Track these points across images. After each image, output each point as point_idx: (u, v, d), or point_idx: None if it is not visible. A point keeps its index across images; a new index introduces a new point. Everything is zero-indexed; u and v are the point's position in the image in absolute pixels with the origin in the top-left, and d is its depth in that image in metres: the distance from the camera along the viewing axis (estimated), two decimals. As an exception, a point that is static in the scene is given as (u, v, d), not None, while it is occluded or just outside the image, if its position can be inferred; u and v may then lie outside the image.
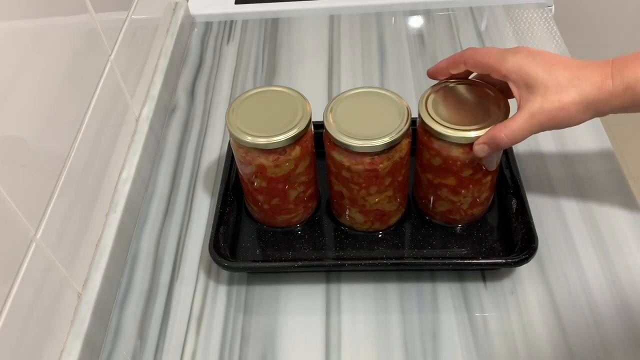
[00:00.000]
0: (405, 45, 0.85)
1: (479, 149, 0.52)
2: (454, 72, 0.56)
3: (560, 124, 0.50)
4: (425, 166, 0.58)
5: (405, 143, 0.55)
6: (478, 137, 0.52)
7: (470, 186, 0.57)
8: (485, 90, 0.56)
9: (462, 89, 0.57)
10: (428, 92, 0.56)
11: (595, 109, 0.49)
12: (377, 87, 0.58)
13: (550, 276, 0.57)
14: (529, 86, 0.50)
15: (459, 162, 0.54)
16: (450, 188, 0.57)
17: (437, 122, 0.53)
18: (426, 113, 0.54)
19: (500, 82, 0.54)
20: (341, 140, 0.53)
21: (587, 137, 0.70)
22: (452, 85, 0.57)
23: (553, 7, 0.90)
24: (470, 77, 0.58)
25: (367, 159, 0.53)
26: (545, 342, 0.53)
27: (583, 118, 0.50)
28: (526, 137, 0.51)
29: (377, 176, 0.55)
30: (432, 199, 0.60)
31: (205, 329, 0.57)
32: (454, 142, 0.53)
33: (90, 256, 0.58)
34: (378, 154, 0.53)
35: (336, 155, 0.55)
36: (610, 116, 0.52)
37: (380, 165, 0.54)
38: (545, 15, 0.88)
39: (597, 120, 0.71)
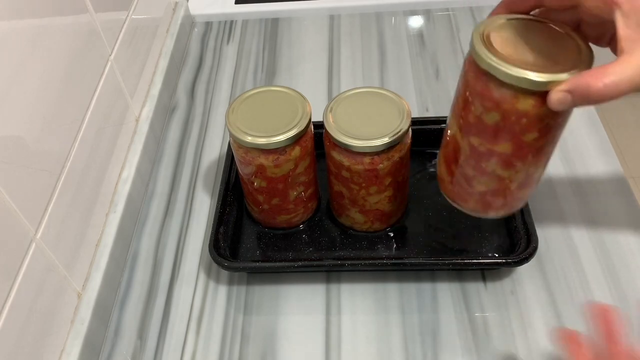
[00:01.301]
0: (405, 45, 0.85)
1: (559, 99, 0.39)
2: None
3: None
4: (471, 126, 0.44)
5: (405, 143, 0.55)
6: (557, 83, 0.38)
7: (529, 156, 0.44)
8: (559, 30, 0.43)
9: (528, 25, 0.43)
10: (483, 26, 0.43)
11: None
12: (377, 87, 0.58)
13: (550, 276, 0.57)
14: None
15: (524, 120, 0.41)
16: (502, 158, 0.44)
17: (503, 60, 0.39)
18: (485, 49, 0.40)
19: (575, 22, 0.43)
20: (341, 140, 0.53)
21: (587, 137, 0.70)
22: (514, 20, 0.44)
23: (553, 7, 0.89)
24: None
25: (367, 159, 0.53)
26: (545, 342, 0.53)
27: None
28: (629, 93, 0.38)
29: (377, 176, 0.55)
30: (470, 174, 0.47)
31: (205, 329, 0.57)
32: (524, 89, 0.39)
33: (90, 256, 0.58)
34: (378, 154, 0.53)
35: (336, 155, 0.55)
36: (610, 116, 0.52)
37: (380, 165, 0.54)
38: (545, 15, 0.88)
39: (597, 120, 0.71)
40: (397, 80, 0.80)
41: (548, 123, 0.41)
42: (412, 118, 0.54)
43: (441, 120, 0.68)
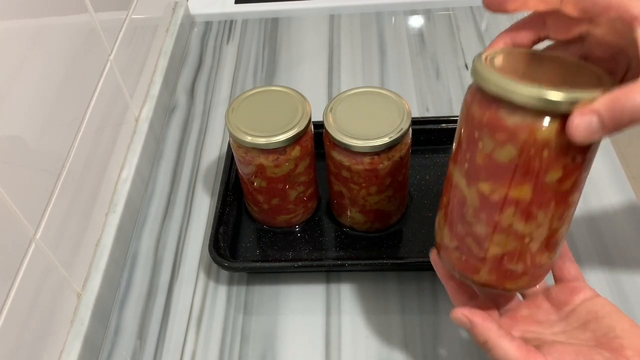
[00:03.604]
0: (405, 45, 0.85)
1: (584, 125, 0.31)
2: (532, 4, 0.37)
3: None
4: (479, 170, 0.36)
5: (405, 143, 0.54)
6: (585, 103, 0.31)
7: (552, 204, 0.36)
8: (569, 59, 0.38)
9: (535, 55, 0.38)
10: (484, 55, 0.36)
11: None
12: (377, 87, 0.58)
13: (550, 276, 0.57)
14: None
15: (545, 153, 0.33)
16: (520, 207, 0.36)
17: (515, 81, 0.32)
18: (492, 71, 0.34)
19: (582, 57, 0.38)
20: (341, 140, 0.53)
21: (587, 137, 0.69)
22: (518, 51, 0.39)
23: (553, 6, 0.89)
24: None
25: (367, 159, 0.53)
26: (546, 342, 0.53)
27: None
28: None
29: (377, 176, 0.55)
30: (481, 234, 0.38)
31: (205, 329, 0.57)
32: (545, 112, 0.32)
33: (90, 256, 0.58)
34: (378, 153, 0.53)
35: (336, 155, 0.55)
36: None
37: (380, 165, 0.54)
38: (546, 15, 0.88)
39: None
40: (397, 80, 0.80)
41: (574, 157, 0.34)
42: (412, 118, 0.54)
43: (441, 120, 0.68)
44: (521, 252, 0.38)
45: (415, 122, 0.56)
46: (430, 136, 0.67)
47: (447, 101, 0.76)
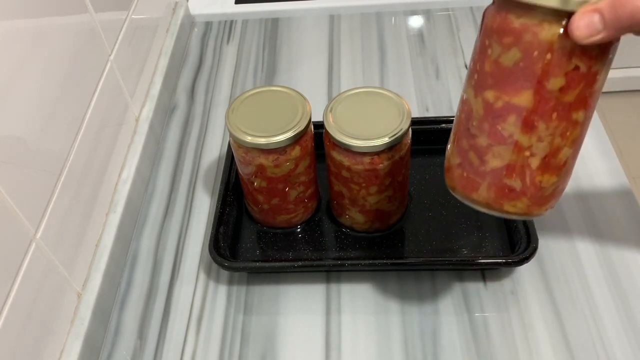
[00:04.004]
0: (405, 45, 0.85)
1: (585, 23, 0.32)
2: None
3: None
4: (487, 77, 0.37)
5: (405, 143, 0.55)
6: (590, 3, 0.32)
7: (554, 115, 0.36)
8: None
9: None
10: None
11: None
12: (377, 87, 0.58)
13: (550, 276, 0.57)
14: None
15: (548, 55, 0.34)
16: (521, 115, 0.36)
17: None
18: None
19: None
20: (341, 140, 0.53)
21: (587, 137, 0.69)
22: None
23: (553, 7, 0.89)
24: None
25: (367, 159, 0.53)
26: (546, 342, 0.53)
27: None
28: None
29: (377, 176, 0.55)
30: (483, 144, 0.38)
31: (205, 329, 0.57)
32: (550, 12, 0.33)
33: (90, 256, 0.58)
34: (378, 153, 0.53)
35: (336, 155, 0.55)
36: (610, 116, 0.51)
37: (380, 165, 0.54)
38: (545, 15, 0.88)
39: (597, 119, 0.71)
40: (397, 80, 0.80)
41: (578, 66, 0.34)
42: (412, 118, 0.54)
43: (441, 120, 0.68)
44: (521, 167, 0.38)
45: (415, 122, 0.56)
46: (430, 136, 0.67)
47: (447, 101, 0.76)
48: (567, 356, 0.52)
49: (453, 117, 0.68)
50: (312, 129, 0.58)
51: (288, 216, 0.62)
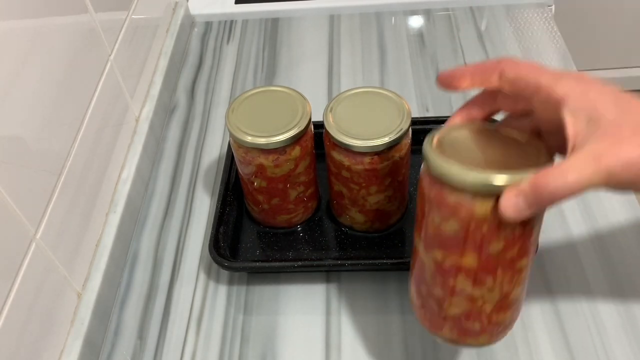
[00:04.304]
0: (405, 45, 0.85)
1: (511, 205, 0.34)
2: (477, 83, 0.40)
3: (637, 178, 0.33)
4: (432, 239, 0.40)
5: (405, 143, 0.55)
6: (513, 185, 0.35)
7: (499, 271, 0.39)
8: (518, 137, 0.40)
9: (485, 132, 0.41)
10: (437, 133, 0.41)
11: None
12: (377, 87, 0.58)
13: (550, 276, 0.57)
14: (594, 121, 0.34)
15: (485, 227, 0.37)
16: (469, 273, 0.39)
17: (455, 164, 0.36)
18: (436, 154, 0.38)
19: (536, 130, 0.41)
20: (341, 140, 0.53)
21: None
22: (471, 127, 0.42)
23: (553, 7, 0.90)
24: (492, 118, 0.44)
25: (367, 159, 0.53)
26: (545, 342, 0.53)
27: None
28: (586, 189, 0.33)
29: (377, 176, 0.55)
30: (439, 295, 0.41)
31: (205, 329, 0.57)
32: (480, 192, 0.36)
33: (90, 256, 0.58)
34: (378, 153, 0.53)
35: (336, 155, 0.55)
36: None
37: (380, 165, 0.54)
38: (545, 15, 0.88)
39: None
40: (397, 80, 0.80)
41: (514, 230, 0.37)
42: (412, 118, 0.54)
43: (441, 120, 0.68)
44: (477, 313, 0.40)
45: (415, 122, 0.56)
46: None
47: (447, 101, 0.76)
48: (566, 356, 0.52)
49: (453, 117, 0.69)
50: (312, 129, 0.58)
51: (288, 216, 0.62)
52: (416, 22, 0.90)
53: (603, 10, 1.65)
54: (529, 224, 0.37)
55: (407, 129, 0.53)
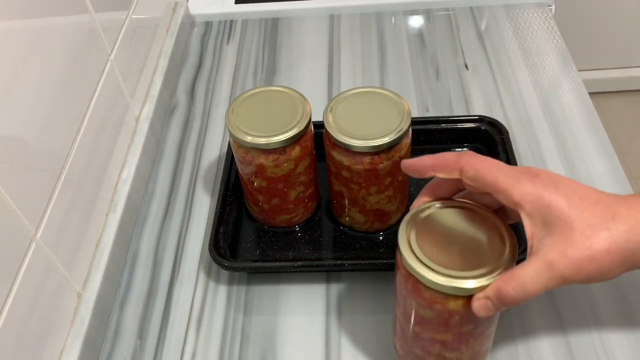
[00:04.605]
0: (405, 45, 0.85)
1: (481, 306, 0.39)
2: (440, 175, 0.43)
3: (589, 278, 0.37)
4: (410, 316, 0.44)
5: (405, 143, 0.55)
6: (479, 289, 0.39)
7: (471, 341, 0.44)
8: (483, 217, 0.43)
9: (453, 215, 0.44)
10: (409, 219, 0.43)
11: (633, 260, 0.38)
12: (377, 87, 0.58)
13: (550, 276, 0.57)
14: (548, 224, 0.38)
15: (457, 317, 0.41)
16: (445, 345, 0.44)
17: (428, 267, 0.40)
18: (411, 254, 0.41)
19: (496, 203, 0.43)
20: (341, 140, 0.53)
21: (587, 137, 0.70)
22: (439, 208, 0.44)
23: (553, 7, 0.90)
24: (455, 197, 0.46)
25: (367, 159, 0.53)
26: (545, 342, 0.53)
27: (618, 272, 0.38)
28: (541, 293, 0.38)
29: (377, 176, 0.55)
30: (419, 354, 0.47)
31: (205, 329, 0.57)
32: (450, 294, 0.40)
33: (90, 256, 0.58)
34: (378, 153, 0.53)
35: (336, 155, 0.55)
36: (610, 115, 0.51)
37: (380, 165, 0.54)
38: (545, 15, 0.88)
39: (596, 119, 0.71)
40: (397, 80, 0.80)
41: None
42: (412, 118, 0.54)
43: (441, 120, 0.68)
44: None
45: (415, 122, 0.56)
46: (430, 136, 0.67)
47: (446, 101, 0.76)
48: (567, 356, 0.52)
49: (453, 117, 0.69)
50: (312, 129, 0.58)
51: (288, 216, 0.62)
52: (416, 22, 0.90)
53: (603, 10, 1.65)
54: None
55: (407, 129, 0.53)
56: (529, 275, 0.38)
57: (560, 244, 0.37)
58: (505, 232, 0.42)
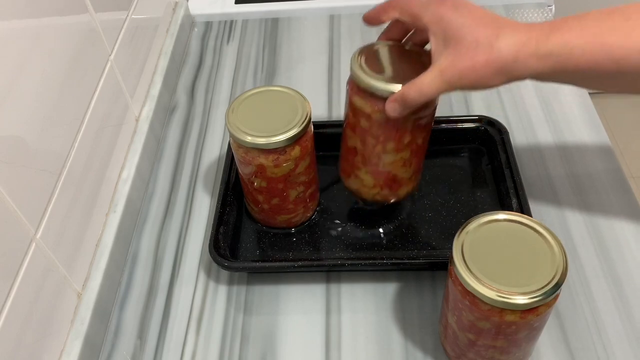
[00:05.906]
0: (405, 45, 0.85)
1: (390, 108, 0.49)
2: (384, 18, 0.52)
3: (472, 84, 0.46)
4: (463, 326, 0.47)
5: (433, 103, 0.53)
6: (534, 304, 0.42)
7: (523, 344, 0.47)
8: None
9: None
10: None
11: (508, 73, 0.45)
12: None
13: (550, 276, 0.57)
14: (447, 40, 0.46)
15: (514, 327, 0.44)
16: (498, 349, 0.47)
17: (485, 284, 0.43)
18: (466, 269, 0.44)
19: (426, 38, 0.51)
20: (367, 82, 0.50)
21: (587, 136, 0.70)
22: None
23: (553, 7, 0.90)
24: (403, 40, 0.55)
25: None
26: (545, 342, 0.53)
27: (495, 82, 0.46)
28: (436, 95, 0.47)
29: (397, 128, 0.53)
30: (471, 357, 0.50)
31: (205, 329, 0.57)
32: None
33: (90, 256, 0.58)
34: None
35: (358, 100, 0.53)
36: (610, 115, 0.51)
37: (402, 117, 0.51)
38: (545, 15, 0.88)
39: (596, 119, 0.71)
40: (397, 80, 0.80)
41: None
42: None
43: (441, 120, 0.68)
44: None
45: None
46: (430, 136, 0.67)
47: (447, 101, 0.76)
48: (567, 356, 0.52)
49: (453, 117, 0.69)
50: (312, 129, 0.58)
51: (288, 216, 0.62)
52: (416, 22, 0.90)
53: (603, 10, 1.64)
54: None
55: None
56: (425, 82, 0.47)
57: (451, 56, 0.45)
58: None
